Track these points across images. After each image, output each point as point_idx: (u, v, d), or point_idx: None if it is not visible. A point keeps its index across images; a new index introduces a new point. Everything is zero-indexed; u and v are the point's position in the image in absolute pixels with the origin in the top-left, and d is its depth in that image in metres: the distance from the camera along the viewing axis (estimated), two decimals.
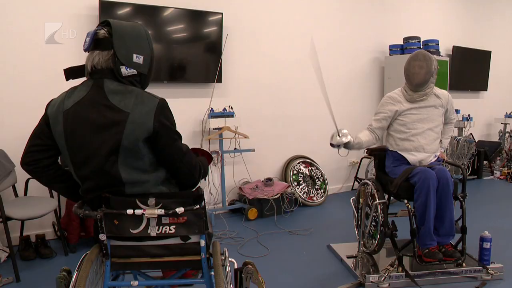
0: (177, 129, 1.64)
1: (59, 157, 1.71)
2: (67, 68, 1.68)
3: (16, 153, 3.38)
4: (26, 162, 1.65)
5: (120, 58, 1.56)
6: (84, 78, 1.66)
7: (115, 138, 1.50)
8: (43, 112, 1.65)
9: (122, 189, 1.57)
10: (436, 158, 3.08)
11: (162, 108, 1.55)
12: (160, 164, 1.63)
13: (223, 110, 4.31)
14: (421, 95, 2.99)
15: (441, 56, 5.76)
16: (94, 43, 1.59)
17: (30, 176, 1.68)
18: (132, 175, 1.56)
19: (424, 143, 2.99)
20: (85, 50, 1.62)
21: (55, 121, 1.58)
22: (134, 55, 1.58)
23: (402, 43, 5.52)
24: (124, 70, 1.57)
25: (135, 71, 1.59)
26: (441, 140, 3.17)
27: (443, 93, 3.11)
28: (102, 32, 1.58)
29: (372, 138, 3.09)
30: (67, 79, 1.69)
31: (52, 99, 1.66)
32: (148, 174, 1.59)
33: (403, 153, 3.01)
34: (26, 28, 3.45)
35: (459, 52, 6.36)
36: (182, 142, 1.68)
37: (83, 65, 1.64)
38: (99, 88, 1.55)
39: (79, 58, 3.67)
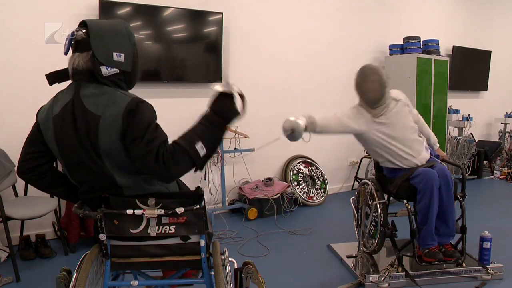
0: (154, 128, 1.48)
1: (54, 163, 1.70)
2: (49, 73, 1.65)
3: (16, 153, 3.37)
4: (23, 171, 1.65)
5: (99, 58, 1.51)
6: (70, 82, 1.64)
7: (93, 143, 1.48)
8: None
9: (120, 191, 1.57)
10: (427, 150, 2.99)
11: (131, 106, 1.45)
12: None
13: None
14: (382, 109, 2.83)
15: (441, 56, 5.75)
16: (74, 45, 1.56)
17: None
18: (126, 177, 1.55)
19: (411, 151, 2.88)
20: (65, 53, 1.59)
21: (46, 127, 1.57)
22: (114, 54, 1.53)
23: (402, 43, 5.52)
24: (105, 70, 1.53)
25: (117, 70, 1.55)
26: (428, 143, 3.10)
27: (397, 93, 2.94)
28: (80, 33, 1.54)
29: (330, 117, 2.86)
30: (50, 84, 1.66)
31: (42, 106, 1.65)
32: (141, 175, 1.57)
33: (400, 165, 2.92)
34: (26, 28, 3.45)
35: (459, 52, 6.36)
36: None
37: (66, 69, 1.61)
38: (77, 93, 1.53)
39: None
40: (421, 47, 5.51)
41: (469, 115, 6.19)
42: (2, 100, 3.42)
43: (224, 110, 1.60)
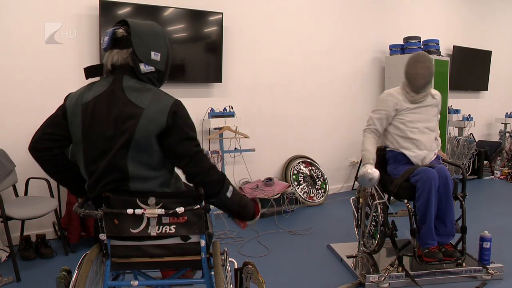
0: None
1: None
2: (87, 67, 1.69)
3: (16, 153, 3.40)
4: (37, 148, 1.66)
5: (138, 55, 1.59)
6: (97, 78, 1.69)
7: (128, 131, 1.52)
8: (43, 112, 1.66)
9: (127, 184, 1.57)
10: (435, 155, 3.08)
11: (177, 107, 1.57)
12: (169, 163, 1.64)
13: (223, 110, 4.31)
14: (423, 95, 3.00)
15: (442, 56, 5.75)
16: (113, 42, 1.60)
17: (30, 176, 1.68)
18: (139, 170, 1.56)
19: (424, 141, 3.00)
20: (104, 49, 1.64)
21: (73, 113, 1.60)
22: (152, 53, 1.61)
23: (403, 43, 5.52)
24: (143, 67, 1.61)
25: (153, 68, 1.63)
26: (436, 138, 3.17)
27: (437, 93, 3.13)
28: (120, 31, 1.60)
29: (376, 141, 3.05)
30: (86, 78, 1.70)
31: (71, 93, 1.69)
32: (154, 172, 1.60)
33: (404, 151, 3.01)
34: (26, 28, 3.46)
35: (459, 52, 6.36)
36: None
37: (102, 64, 1.66)
38: (118, 84, 1.58)
39: (79, 58, 3.72)
40: (422, 47, 5.51)
41: (469, 115, 6.19)
42: (2, 100, 3.42)
43: (248, 211, 1.81)
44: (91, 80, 1.69)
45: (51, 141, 1.65)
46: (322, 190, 4.99)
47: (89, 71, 1.69)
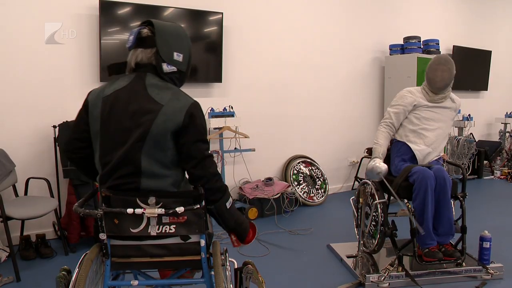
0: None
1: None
2: (111, 64, 1.76)
3: (16, 153, 3.40)
4: (68, 149, 1.76)
5: (162, 55, 1.64)
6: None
7: (145, 125, 1.56)
8: (43, 113, 1.67)
9: (139, 179, 1.59)
10: (438, 157, 3.09)
11: (195, 108, 1.62)
12: (180, 163, 1.66)
13: (223, 110, 4.31)
14: (441, 97, 3.03)
15: None
16: (137, 41, 1.66)
17: (30, 176, 1.68)
18: (152, 166, 1.58)
19: (433, 140, 3.02)
20: (129, 48, 1.69)
21: (94, 106, 1.65)
22: (175, 53, 1.66)
23: (403, 43, 5.52)
24: (165, 67, 1.66)
25: (175, 68, 1.68)
26: None
27: (457, 98, 3.17)
28: (145, 31, 1.65)
29: (390, 136, 3.10)
30: (109, 75, 1.77)
31: (93, 89, 1.74)
32: (166, 170, 1.61)
33: (411, 145, 3.02)
34: (26, 28, 3.46)
35: (459, 52, 6.36)
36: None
37: (125, 62, 1.72)
38: (141, 80, 1.63)
39: (79, 58, 3.72)
40: (422, 47, 5.51)
41: (469, 115, 6.19)
42: (2, 100, 3.42)
43: (244, 230, 1.84)
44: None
45: (79, 141, 1.71)
46: (322, 190, 4.99)
47: (113, 68, 1.76)
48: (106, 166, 1.62)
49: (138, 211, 1.54)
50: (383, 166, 2.85)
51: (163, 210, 1.54)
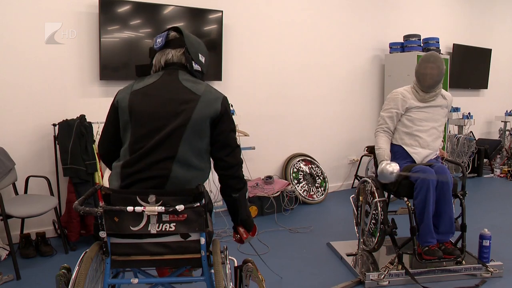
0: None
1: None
2: (138, 65, 1.84)
3: (16, 151, 3.40)
4: (101, 154, 1.86)
5: (190, 53, 1.77)
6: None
7: (186, 112, 1.64)
8: (43, 112, 1.68)
9: (170, 167, 1.63)
10: (436, 156, 3.09)
11: (227, 101, 1.76)
12: (214, 152, 1.74)
13: None
14: (432, 95, 3.02)
15: (442, 54, 5.75)
16: (166, 43, 1.76)
17: (30, 174, 1.68)
18: (187, 153, 1.64)
19: (428, 140, 3.01)
20: (157, 49, 1.78)
21: (122, 100, 1.72)
22: (199, 54, 1.81)
23: (403, 41, 5.52)
24: (194, 65, 1.79)
25: (199, 68, 1.82)
26: None
27: (448, 94, 3.16)
28: (173, 33, 1.78)
29: (389, 139, 3.08)
30: (137, 75, 1.84)
31: (121, 88, 1.81)
32: (199, 161, 1.68)
33: (407, 148, 3.02)
34: (26, 26, 3.45)
35: (459, 50, 6.36)
36: None
37: (150, 64, 1.82)
38: (173, 75, 1.73)
39: (79, 56, 3.71)
40: (421, 45, 5.51)
41: (469, 113, 6.19)
42: (2, 99, 3.42)
43: (251, 223, 2.01)
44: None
45: (110, 143, 1.79)
46: (322, 188, 5.00)
47: (140, 69, 1.85)
48: (138, 150, 1.65)
49: (138, 209, 1.54)
50: (394, 164, 2.82)
51: (163, 208, 1.54)
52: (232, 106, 4.33)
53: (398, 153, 3.06)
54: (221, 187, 1.83)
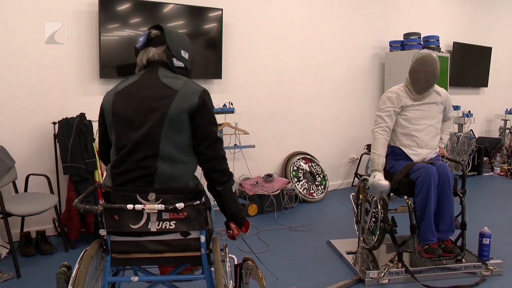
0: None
1: None
2: (119, 65, 1.89)
3: (16, 150, 3.40)
4: (101, 158, 1.91)
5: (172, 50, 1.77)
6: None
7: (163, 107, 1.63)
8: (43, 110, 1.69)
9: (154, 164, 1.61)
10: (436, 154, 3.09)
11: (206, 94, 1.73)
12: (194, 146, 1.72)
13: (223, 106, 4.31)
14: (425, 95, 3.01)
15: (442, 52, 5.74)
16: (147, 41, 1.78)
17: (30, 173, 1.68)
18: (169, 148, 1.63)
19: (426, 139, 2.99)
20: (139, 48, 1.81)
21: (107, 102, 1.74)
22: (182, 51, 1.80)
23: (403, 39, 5.51)
24: (176, 62, 1.78)
25: (182, 64, 1.81)
26: (441, 137, 3.18)
27: (442, 90, 3.12)
28: (155, 31, 1.79)
29: (387, 142, 2.99)
30: (118, 75, 1.90)
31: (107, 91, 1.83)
32: (182, 154, 1.66)
33: (405, 149, 3.00)
34: (26, 25, 3.44)
35: (459, 48, 6.35)
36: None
37: (133, 64, 1.84)
38: (153, 73, 1.74)
39: (79, 55, 3.71)
40: (422, 43, 5.50)
41: (469, 111, 6.19)
42: (2, 98, 3.41)
43: (242, 218, 1.89)
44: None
45: (105, 145, 1.83)
46: (322, 186, 5.00)
47: (121, 69, 1.89)
48: (121, 150, 1.64)
49: (138, 207, 1.54)
50: (385, 184, 2.78)
51: (163, 206, 1.55)
52: (232, 104, 4.34)
53: (397, 154, 3.05)
54: (206, 181, 1.81)
